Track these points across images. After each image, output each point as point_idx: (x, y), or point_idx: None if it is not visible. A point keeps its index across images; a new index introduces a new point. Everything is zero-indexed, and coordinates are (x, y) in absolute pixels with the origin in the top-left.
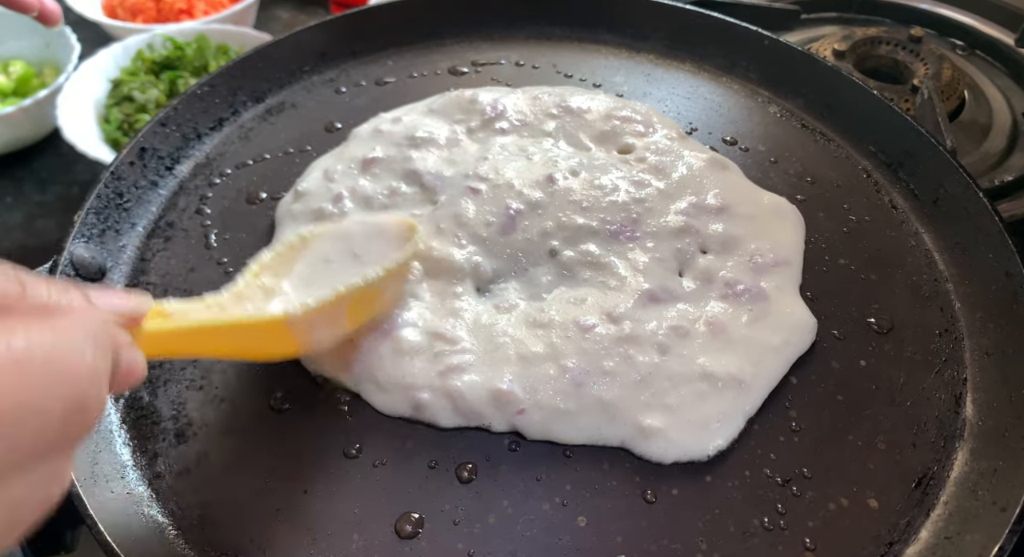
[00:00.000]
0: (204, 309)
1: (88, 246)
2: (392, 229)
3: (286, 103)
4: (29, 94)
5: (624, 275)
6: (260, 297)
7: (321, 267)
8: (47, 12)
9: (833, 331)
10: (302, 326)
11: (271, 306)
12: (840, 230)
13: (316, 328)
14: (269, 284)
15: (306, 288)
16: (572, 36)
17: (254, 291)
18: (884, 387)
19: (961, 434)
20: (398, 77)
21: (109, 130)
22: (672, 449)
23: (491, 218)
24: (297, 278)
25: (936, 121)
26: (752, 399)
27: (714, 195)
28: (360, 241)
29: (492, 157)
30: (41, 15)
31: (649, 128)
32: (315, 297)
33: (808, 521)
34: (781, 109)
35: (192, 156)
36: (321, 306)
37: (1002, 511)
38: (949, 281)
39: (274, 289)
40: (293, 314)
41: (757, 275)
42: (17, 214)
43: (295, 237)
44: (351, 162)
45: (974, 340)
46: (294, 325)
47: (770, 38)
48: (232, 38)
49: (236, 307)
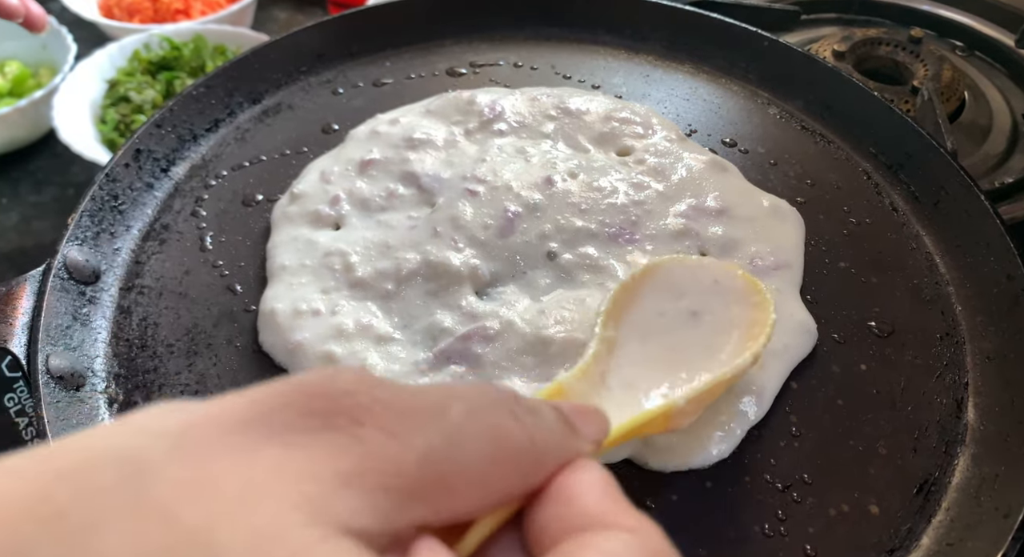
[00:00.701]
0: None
1: (82, 249)
2: (728, 281)
3: (283, 104)
4: (25, 95)
5: (623, 278)
6: (606, 353)
7: (654, 320)
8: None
9: (833, 335)
10: (678, 413)
11: (649, 399)
12: (840, 232)
13: (687, 414)
14: (611, 336)
15: (641, 343)
16: (571, 37)
17: (604, 347)
18: (885, 391)
19: (963, 439)
20: (396, 78)
21: (105, 131)
22: (675, 460)
23: (489, 221)
24: (630, 329)
25: (936, 122)
26: (759, 407)
27: (714, 197)
28: (694, 295)
29: (490, 159)
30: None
31: (648, 130)
32: (692, 386)
33: (809, 527)
34: (781, 111)
35: (188, 158)
36: (697, 395)
37: (1005, 518)
38: (950, 284)
39: (615, 341)
40: (676, 405)
41: (757, 277)
42: (13, 215)
43: (628, 278)
44: (348, 164)
45: (975, 344)
46: (673, 414)
47: (770, 39)
48: (229, 38)
49: (595, 369)
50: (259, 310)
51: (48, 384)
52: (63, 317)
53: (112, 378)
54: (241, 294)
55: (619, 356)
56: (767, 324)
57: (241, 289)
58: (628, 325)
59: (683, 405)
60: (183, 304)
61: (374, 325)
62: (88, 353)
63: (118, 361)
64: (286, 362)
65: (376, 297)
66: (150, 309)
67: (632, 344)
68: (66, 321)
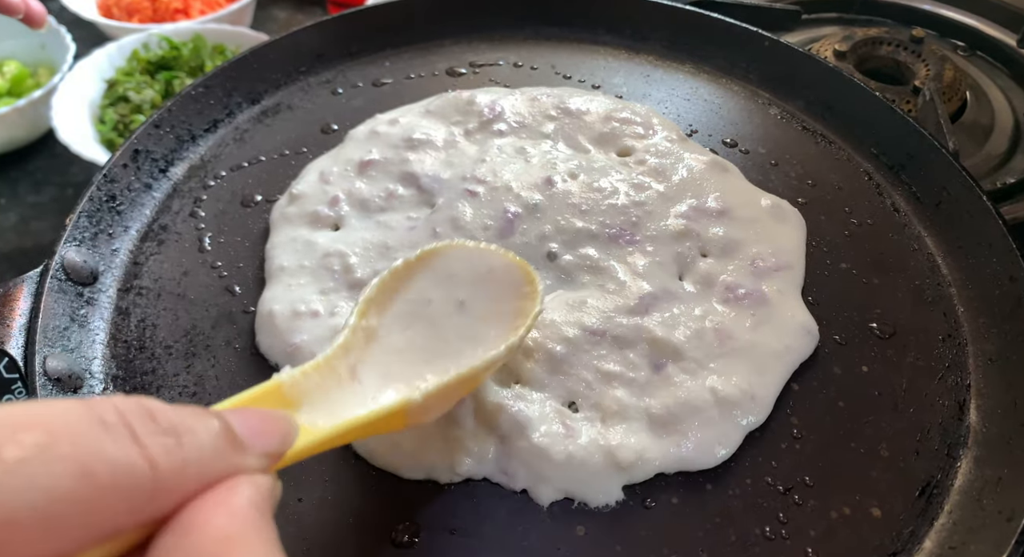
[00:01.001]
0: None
1: (80, 250)
2: (503, 271)
3: (282, 104)
4: (24, 94)
5: (623, 279)
6: (362, 343)
7: (420, 309)
8: (32, 14)
9: (835, 336)
10: (417, 409)
11: (385, 394)
12: (841, 233)
13: (430, 410)
14: (372, 325)
15: (403, 332)
16: (571, 37)
17: (358, 337)
18: (887, 393)
19: (965, 441)
20: (395, 78)
21: (104, 131)
22: (678, 463)
23: (489, 221)
24: (393, 319)
25: (938, 123)
26: (759, 410)
27: (714, 198)
28: (466, 285)
29: (490, 159)
30: (26, 17)
31: (649, 130)
32: (432, 381)
33: (810, 530)
34: (782, 111)
35: (186, 158)
36: (437, 390)
37: (1008, 521)
38: (952, 285)
39: (375, 331)
40: (413, 402)
41: (758, 279)
42: (11, 215)
43: (400, 264)
44: (347, 164)
45: (977, 345)
46: (411, 410)
47: (770, 39)
48: (228, 38)
49: (342, 362)
50: (257, 312)
51: (46, 386)
52: (61, 318)
53: (110, 379)
54: (240, 295)
55: (378, 347)
56: (530, 316)
57: (240, 290)
58: (393, 314)
59: (421, 401)
60: (181, 305)
61: None
62: (86, 355)
63: (116, 363)
64: (284, 365)
65: None
66: (148, 310)
67: (394, 335)
68: (64, 322)
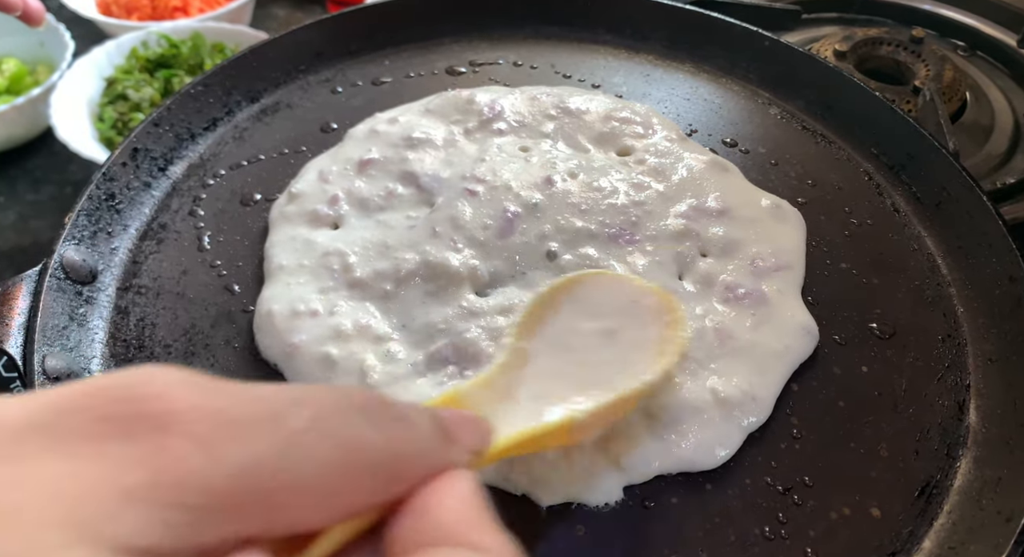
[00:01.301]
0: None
1: (79, 248)
2: (645, 300)
3: (281, 103)
4: (22, 92)
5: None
6: (517, 365)
7: (569, 336)
8: (30, 11)
9: (835, 336)
10: (578, 427)
11: (550, 412)
12: (841, 233)
13: (587, 429)
14: (523, 347)
15: (553, 357)
16: (571, 36)
17: (514, 358)
18: (886, 393)
19: (965, 442)
20: (395, 77)
21: (103, 129)
22: (678, 464)
23: (488, 221)
24: (543, 344)
25: (938, 123)
26: (759, 411)
27: (714, 198)
28: (610, 313)
29: (490, 158)
30: (24, 14)
31: (648, 130)
32: (595, 400)
33: (809, 530)
34: (782, 111)
35: (186, 157)
36: (598, 409)
37: (1007, 521)
38: (952, 285)
39: (527, 354)
40: (577, 419)
41: (758, 279)
42: (10, 214)
43: (546, 290)
44: (347, 163)
45: (977, 346)
46: (573, 427)
47: (770, 39)
48: (228, 36)
49: (500, 380)
50: (256, 312)
51: (44, 385)
52: (60, 317)
53: None
54: (239, 294)
55: (531, 368)
56: (679, 343)
57: (239, 289)
58: (542, 338)
59: (583, 418)
60: (181, 304)
61: (372, 326)
62: (85, 354)
63: (115, 362)
64: (283, 365)
65: (375, 297)
66: (147, 309)
67: (544, 357)
68: (63, 321)
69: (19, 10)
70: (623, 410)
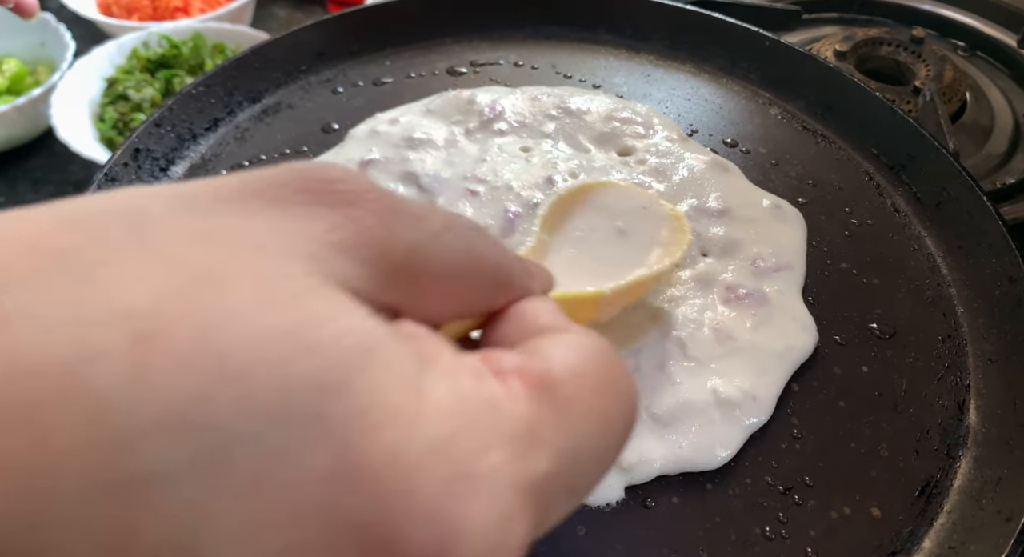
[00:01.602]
0: None
1: None
2: (654, 208)
3: (282, 103)
4: (23, 92)
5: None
6: (541, 253)
7: (585, 235)
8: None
9: (835, 336)
10: (604, 302)
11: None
12: (842, 234)
13: (610, 305)
14: (546, 239)
15: (571, 250)
16: (572, 36)
17: (539, 247)
18: (886, 393)
19: (965, 442)
20: (396, 77)
21: (104, 129)
22: (679, 464)
23: (489, 220)
24: (562, 239)
25: (938, 123)
26: (760, 411)
27: (715, 198)
28: (623, 216)
29: (491, 159)
30: (17, 7)
31: (649, 130)
32: (621, 279)
33: (810, 530)
34: (782, 111)
35: (187, 157)
36: (621, 288)
37: (1007, 521)
38: (952, 286)
39: (548, 245)
40: (605, 294)
41: (759, 279)
42: None
43: (564, 192)
44: (348, 163)
45: (977, 346)
46: (603, 301)
47: (771, 39)
48: (228, 37)
49: None
50: None
51: None
52: None
53: None
54: None
55: (551, 259)
56: (685, 243)
57: None
58: (560, 235)
59: (609, 295)
60: None
61: None
62: None
63: None
64: None
65: None
66: None
67: (562, 252)
68: None
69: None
70: (639, 293)
